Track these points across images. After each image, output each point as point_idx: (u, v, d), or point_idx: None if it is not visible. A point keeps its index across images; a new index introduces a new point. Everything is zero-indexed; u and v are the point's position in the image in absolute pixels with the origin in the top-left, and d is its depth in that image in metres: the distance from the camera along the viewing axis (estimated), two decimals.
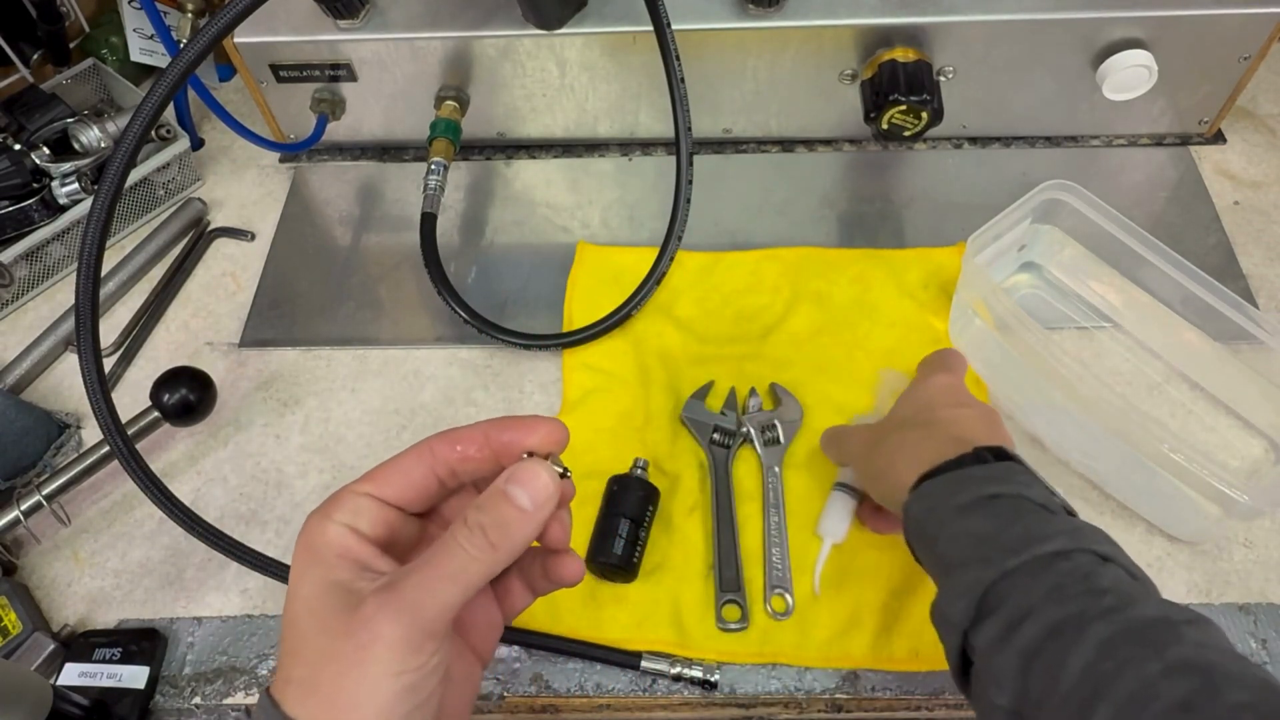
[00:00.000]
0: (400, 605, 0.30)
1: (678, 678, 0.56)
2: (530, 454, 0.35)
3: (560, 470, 0.35)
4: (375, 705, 0.30)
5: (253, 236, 0.80)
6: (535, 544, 0.38)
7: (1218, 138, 0.81)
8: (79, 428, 0.70)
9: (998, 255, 0.68)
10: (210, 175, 0.84)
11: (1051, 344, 0.56)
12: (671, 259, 0.70)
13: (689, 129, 0.68)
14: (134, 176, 0.77)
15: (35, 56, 0.84)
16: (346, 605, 0.31)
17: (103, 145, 0.77)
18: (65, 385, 0.72)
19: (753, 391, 0.66)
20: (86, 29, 0.87)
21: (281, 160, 0.85)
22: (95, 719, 0.54)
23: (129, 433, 0.59)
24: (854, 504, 0.58)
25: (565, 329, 0.70)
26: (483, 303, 0.70)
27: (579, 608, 0.58)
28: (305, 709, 0.30)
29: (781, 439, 0.64)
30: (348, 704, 0.30)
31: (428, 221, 0.71)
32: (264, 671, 0.58)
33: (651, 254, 0.70)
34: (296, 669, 0.31)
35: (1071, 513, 0.45)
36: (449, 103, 0.76)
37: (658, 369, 0.68)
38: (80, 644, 0.58)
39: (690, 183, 0.69)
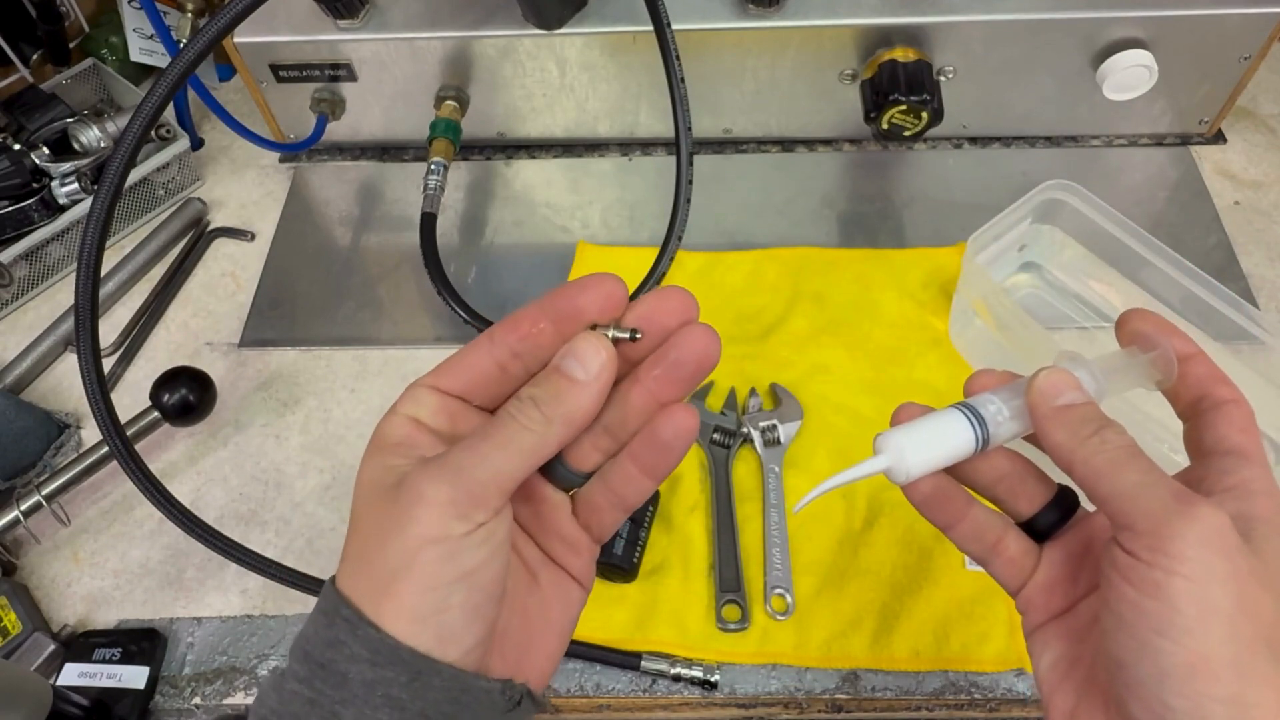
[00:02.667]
0: (444, 466, 0.29)
1: (678, 678, 0.56)
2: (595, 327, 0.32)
3: (627, 334, 0.32)
4: (416, 570, 0.28)
5: (252, 236, 0.80)
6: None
7: (1218, 138, 0.81)
8: (79, 428, 0.70)
9: (998, 255, 0.68)
10: (210, 175, 0.84)
11: (1052, 344, 0.56)
12: (671, 259, 0.70)
13: (689, 129, 0.68)
14: (134, 176, 0.77)
15: (35, 56, 0.84)
16: (396, 481, 0.30)
17: (102, 145, 0.77)
18: (65, 385, 0.72)
19: (753, 391, 0.66)
20: (86, 29, 0.87)
21: (281, 160, 0.85)
22: (95, 719, 0.54)
23: (129, 433, 0.59)
24: (968, 451, 0.34)
25: None
26: (483, 303, 0.70)
27: None
28: (353, 580, 0.30)
29: (781, 439, 0.64)
30: (388, 570, 0.29)
31: (428, 221, 0.71)
32: (264, 672, 0.58)
33: (651, 254, 0.70)
34: (351, 546, 0.31)
35: None
36: (449, 103, 0.76)
37: None
38: (80, 644, 0.58)
39: (690, 183, 0.69)
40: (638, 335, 0.32)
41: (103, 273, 0.53)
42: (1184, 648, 0.27)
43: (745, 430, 0.64)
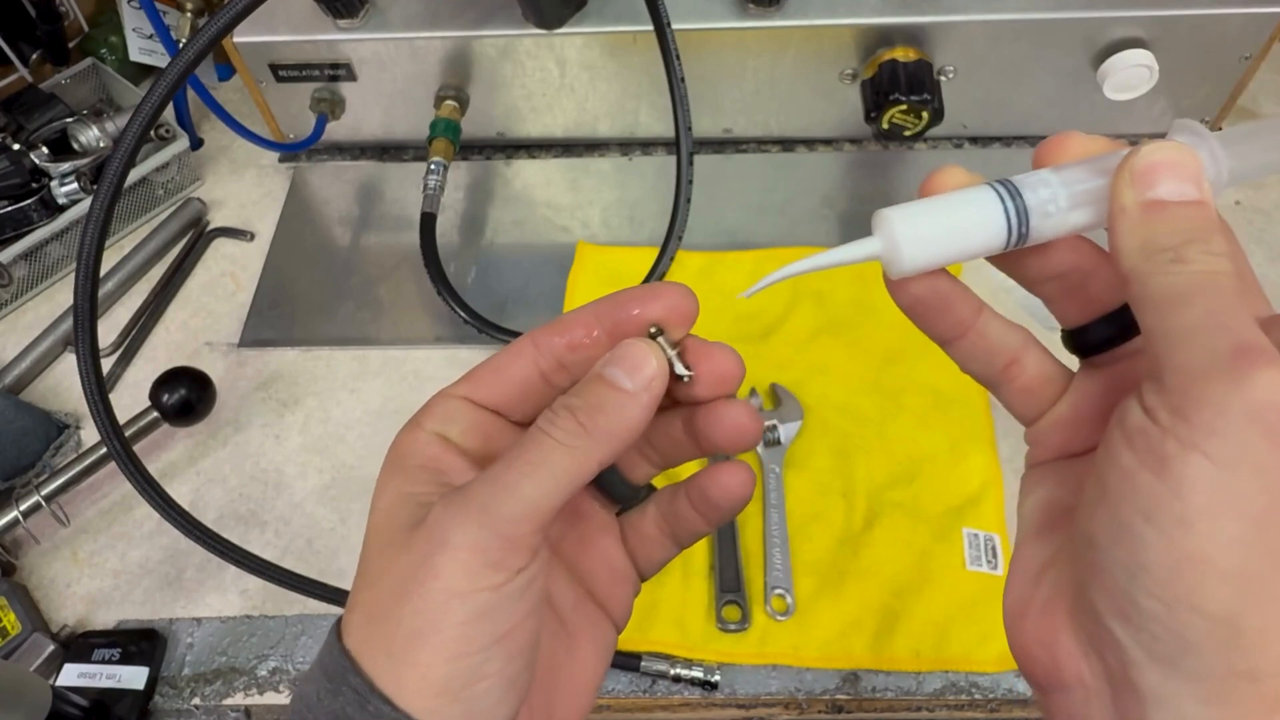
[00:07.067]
0: (469, 505, 0.24)
1: (678, 678, 0.56)
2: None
3: (684, 374, 0.28)
4: (441, 633, 0.24)
5: (252, 236, 0.80)
6: (681, 472, 0.32)
7: None
8: (78, 428, 0.69)
9: None
10: (210, 175, 0.84)
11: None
12: (671, 259, 0.70)
13: (689, 129, 0.68)
14: (133, 176, 0.77)
15: (34, 56, 0.84)
16: (414, 518, 0.26)
17: (102, 145, 0.77)
18: (64, 385, 0.72)
19: (753, 392, 0.66)
20: (86, 28, 0.86)
21: (281, 160, 0.85)
22: (94, 719, 0.54)
23: (128, 433, 0.59)
24: (993, 248, 0.26)
25: None
26: (483, 303, 0.70)
27: None
28: (364, 640, 0.25)
29: (781, 439, 0.63)
30: (407, 631, 0.24)
31: (427, 221, 0.71)
32: (263, 672, 0.58)
33: (651, 254, 0.70)
34: (360, 593, 0.26)
35: None
36: (449, 102, 0.76)
37: None
38: (79, 645, 0.58)
39: (690, 183, 0.68)
40: (690, 375, 0.28)
41: (102, 273, 0.53)
42: (1173, 542, 0.20)
43: None
